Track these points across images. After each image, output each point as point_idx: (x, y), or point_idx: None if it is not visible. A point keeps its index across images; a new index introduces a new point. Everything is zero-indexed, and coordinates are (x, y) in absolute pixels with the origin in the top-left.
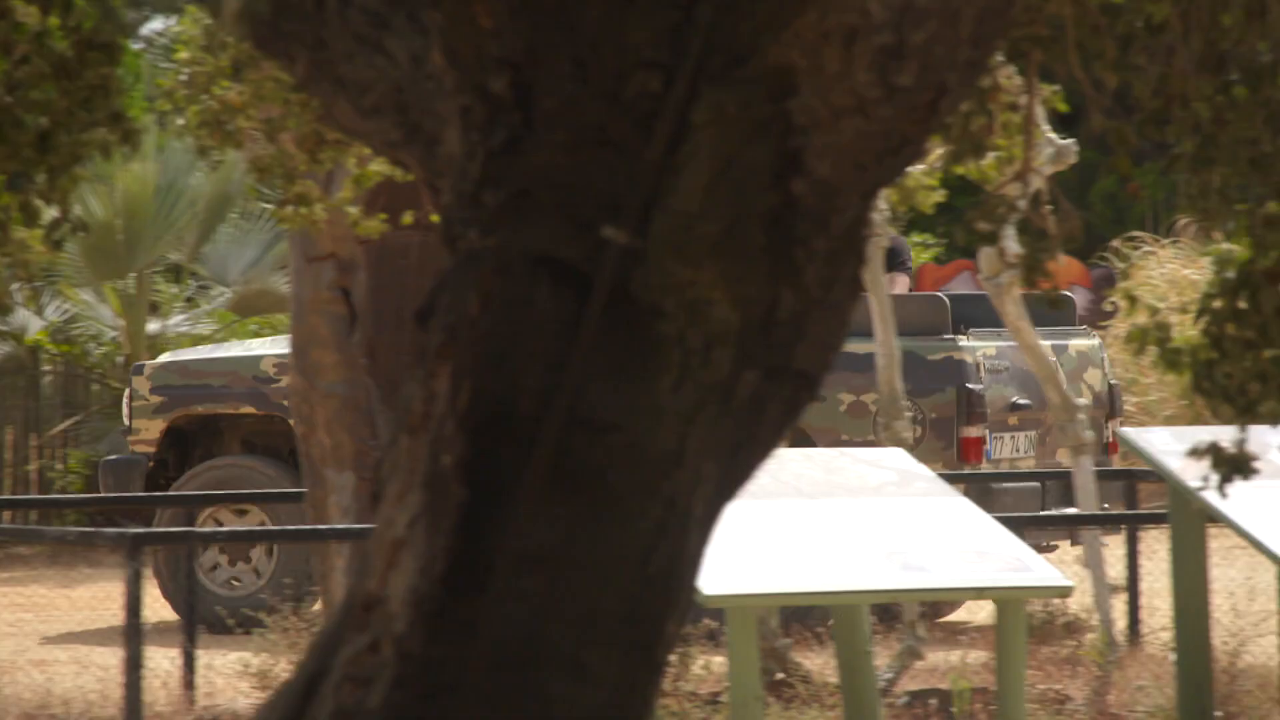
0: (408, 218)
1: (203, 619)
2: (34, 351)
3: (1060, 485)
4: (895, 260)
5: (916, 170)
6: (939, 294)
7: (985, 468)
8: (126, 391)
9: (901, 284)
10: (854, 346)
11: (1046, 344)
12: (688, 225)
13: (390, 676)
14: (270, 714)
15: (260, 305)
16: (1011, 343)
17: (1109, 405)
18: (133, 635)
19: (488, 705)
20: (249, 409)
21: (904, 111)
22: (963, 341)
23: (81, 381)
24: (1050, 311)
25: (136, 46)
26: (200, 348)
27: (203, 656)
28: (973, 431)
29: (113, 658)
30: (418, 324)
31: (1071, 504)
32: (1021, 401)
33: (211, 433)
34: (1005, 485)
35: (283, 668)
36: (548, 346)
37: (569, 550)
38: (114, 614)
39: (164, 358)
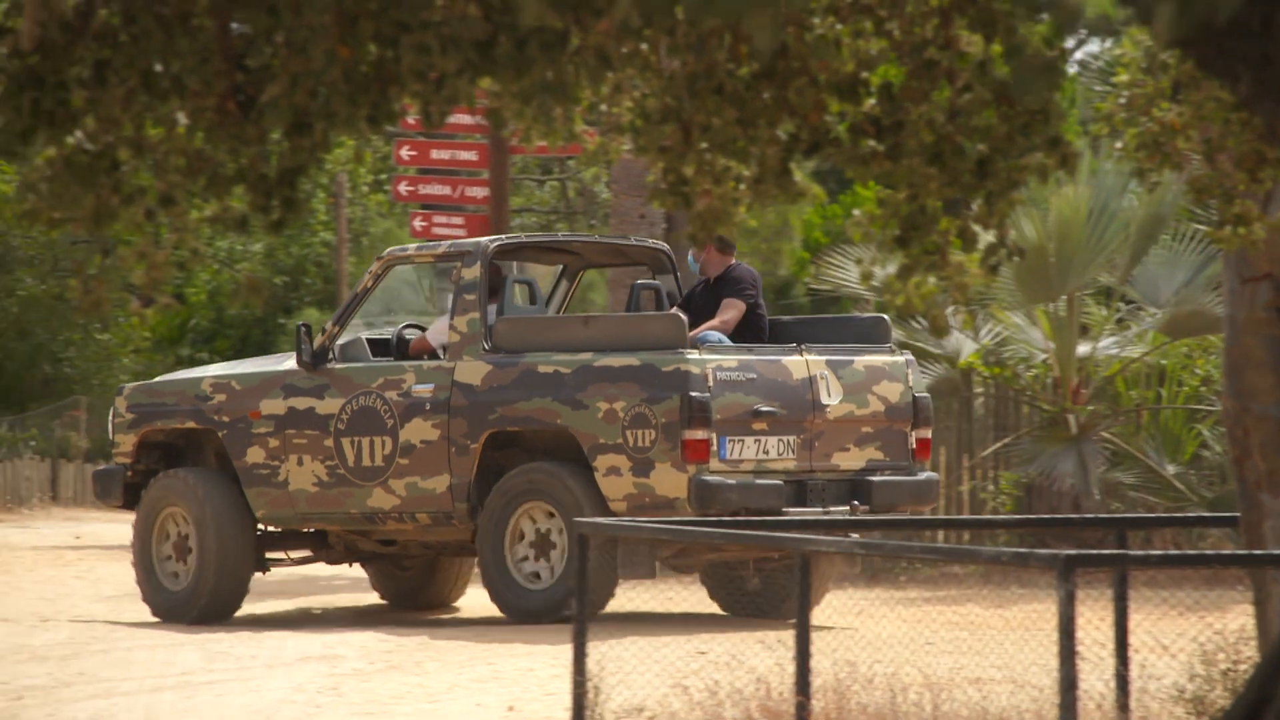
0: None
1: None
2: (967, 374)
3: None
4: (734, 287)
5: None
6: (677, 313)
7: (719, 466)
8: (111, 410)
9: (736, 310)
10: (609, 360)
11: (819, 359)
12: None
13: None
14: None
15: (1191, 327)
16: (763, 356)
17: (913, 416)
18: (1067, 657)
19: None
20: (191, 424)
21: None
22: (691, 355)
23: (1012, 403)
24: None
25: (1072, 70)
26: (177, 372)
27: (1136, 680)
28: (696, 434)
29: (1046, 678)
30: None
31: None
32: (766, 408)
33: (196, 446)
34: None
35: (1218, 694)
36: None
37: None
38: (1047, 634)
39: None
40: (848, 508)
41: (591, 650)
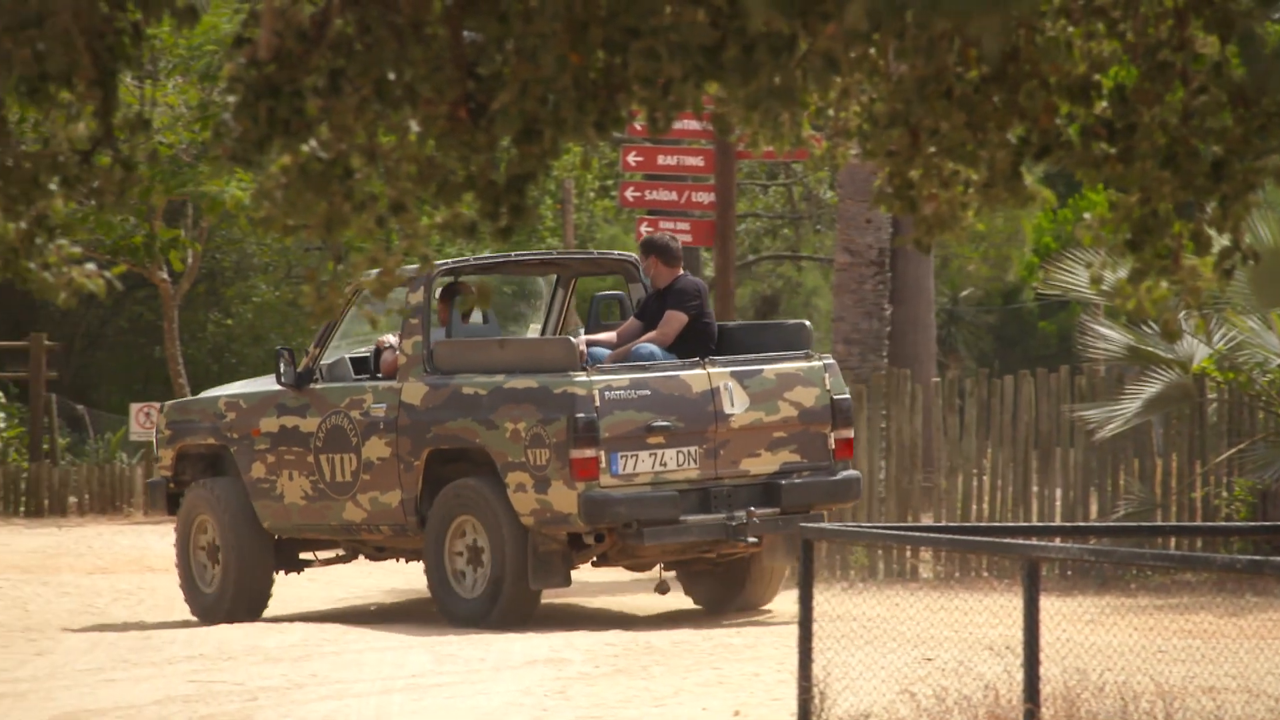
0: None
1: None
2: (1200, 379)
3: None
4: (677, 299)
5: None
6: (568, 337)
7: (611, 481)
8: (155, 426)
9: (677, 321)
10: (515, 383)
11: (724, 370)
12: None
13: None
14: None
15: None
16: (659, 373)
17: (831, 418)
18: None
19: None
20: (211, 441)
21: None
22: (578, 378)
23: (1247, 409)
24: None
25: None
26: (206, 391)
27: None
28: (584, 453)
29: (1275, 686)
30: None
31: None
32: (660, 423)
33: (232, 457)
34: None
35: None
36: None
37: None
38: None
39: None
40: (744, 513)
41: (817, 656)
